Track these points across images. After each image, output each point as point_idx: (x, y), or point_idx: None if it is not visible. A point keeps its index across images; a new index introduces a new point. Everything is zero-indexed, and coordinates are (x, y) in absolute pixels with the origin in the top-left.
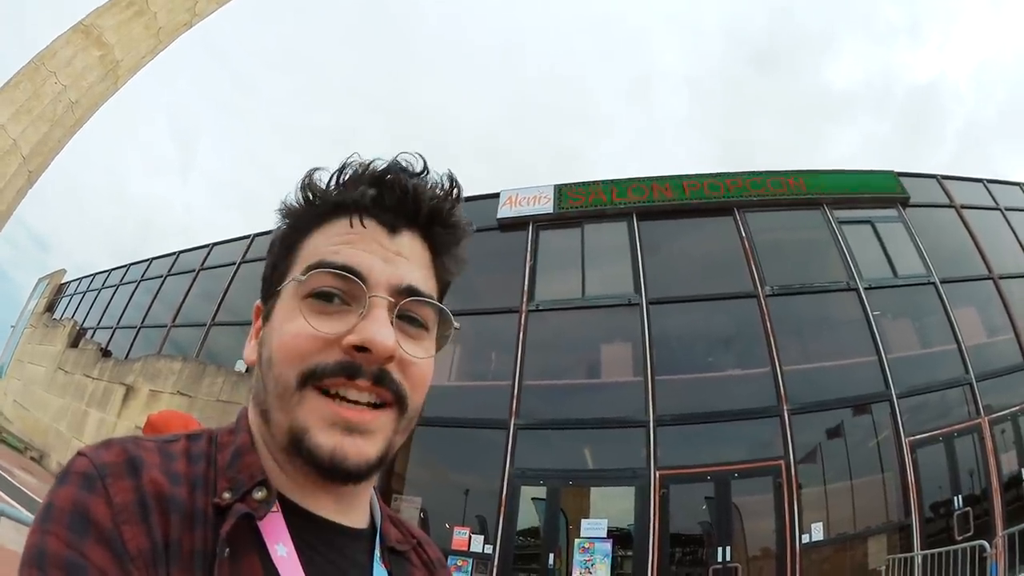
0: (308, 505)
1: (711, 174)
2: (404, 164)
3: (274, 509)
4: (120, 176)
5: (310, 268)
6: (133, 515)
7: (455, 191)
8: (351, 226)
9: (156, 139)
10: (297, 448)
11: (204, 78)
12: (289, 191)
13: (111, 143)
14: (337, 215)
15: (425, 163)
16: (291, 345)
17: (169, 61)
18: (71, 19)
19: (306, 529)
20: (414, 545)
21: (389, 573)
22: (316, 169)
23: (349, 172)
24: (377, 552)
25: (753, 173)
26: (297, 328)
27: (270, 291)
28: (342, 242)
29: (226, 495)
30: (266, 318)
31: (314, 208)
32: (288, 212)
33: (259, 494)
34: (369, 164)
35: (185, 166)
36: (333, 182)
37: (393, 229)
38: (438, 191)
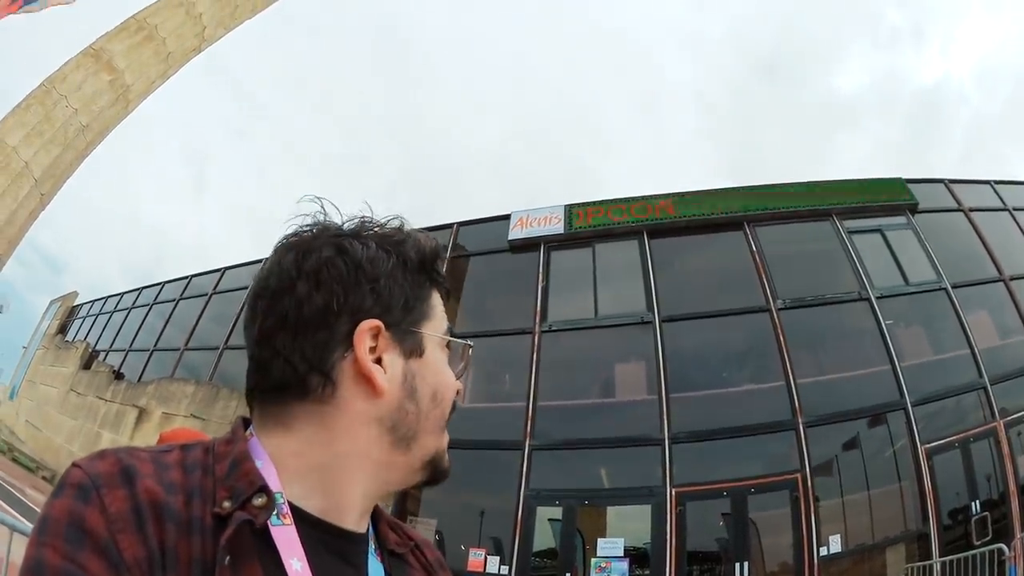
0: (311, 508)
1: (720, 189)
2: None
3: (288, 523)
4: (133, 199)
5: (454, 334)
6: (128, 524)
7: None
8: (444, 304)
9: (169, 163)
10: (436, 466)
11: (215, 102)
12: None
13: (124, 166)
14: (438, 289)
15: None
16: (451, 393)
17: (180, 86)
18: (81, 42)
19: (310, 535)
20: (412, 548)
21: (387, 572)
22: (437, 242)
23: (437, 253)
24: (372, 547)
25: (762, 187)
26: (453, 379)
27: (405, 325)
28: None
29: (226, 504)
30: (412, 352)
31: (433, 279)
32: (423, 264)
33: (259, 500)
34: (436, 248)
35: (198, 189)
36: (441, 264)
37: None
38: None
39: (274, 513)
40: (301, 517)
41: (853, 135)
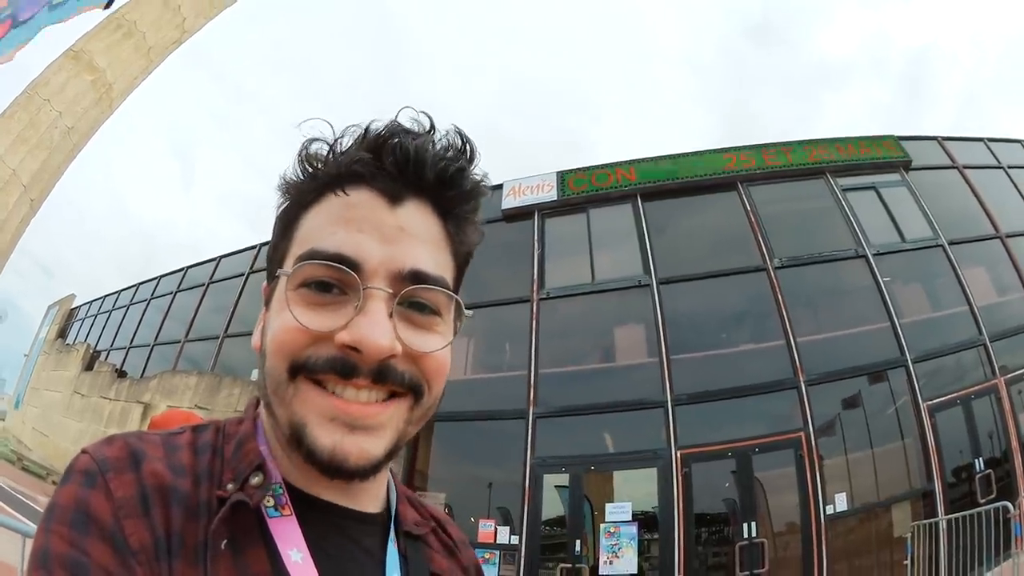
0: (316, 492)
1: (712, 150)
2: (407, 125)
3: (287, 513)
4: (123, 197)
5: (301, 258)
6: (135, 508)
7: (467, 149)
8: (347, 200)
9: (156, 157)
10: (297, 443)
11: (199, 92)
12: (288, 165)
13: (111, 165)
14: (334, 188)
15: (432, 121)
16: (281, 339)
17: (162, 80)
18: (61, 45)
19: (315, 520)
20: (433, 527)
21: (404, 557)
22: (314, 140)
23: (348, 139)
24: (392, 535)
25: (754, 146)
26: (285, 322)
27: (271, 274)
28: (338, 221)
29: (229, 486)
30: (267, 304)
31: (312, 181)
32: (287, 187)
33: (255, 480)
34: (368, 127)
35: (187, 181)
36: (331, 151)
37: (394, 199)
38: (446, 151)
39: (272, 504)
40: (306, 500)
41: (844, 96)
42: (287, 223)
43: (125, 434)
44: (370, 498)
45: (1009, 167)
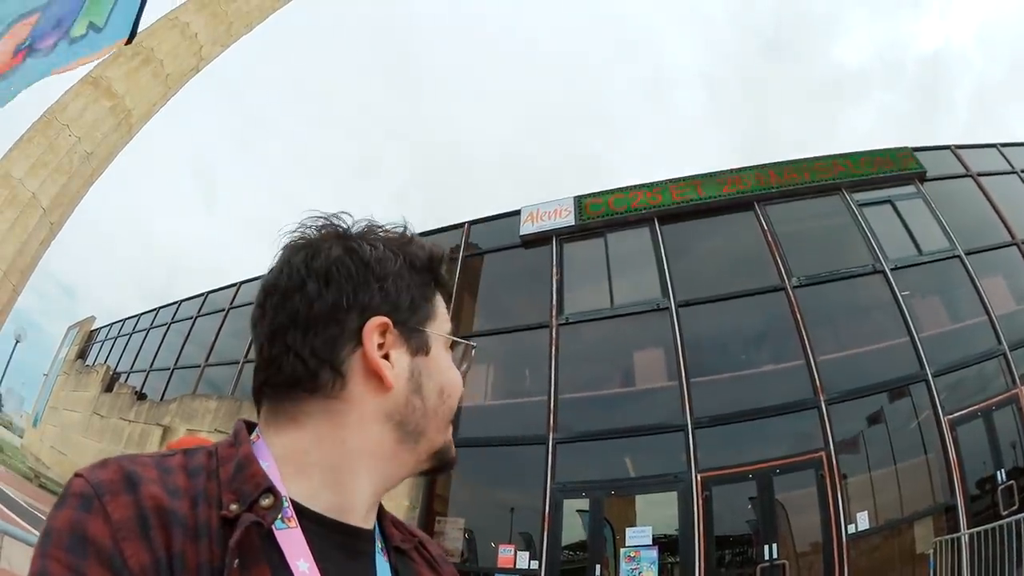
0: (320, 509)
1: (728, 170)
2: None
3: (292, 525)
4: (144, 220)
5: (460, 339)
6: (133, 531)
7: None
8: (447, 307)
9: (178, 181)
10: (442, 457)
11: (220, 118)
12: (395, 221)
13: (133, 189)
14: (440, 289)
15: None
16: (459, 389)
17: (183, 105)
18: (78, 71)
19: (317, 533)
20: (416, 544)
21: (395, 569)
22: (429, 243)
23: (442, 257)
24: (379, 545)
25: (769, 165)
26: (458, 378)
27: (411, 324)
28: (447, 318)
29: (233, 507)
30: (418, 350)
31: (438, 280)
32: (414, 265)
33: (266, 501)
34: (431, 248)
35: (208, 205)
36: (444, 268)
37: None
38: None
39: (279, 517)
40: (308, 516)
41: (860, 108)
42: (425, 293)
43: (118, 457)
44: (366, 515)
45: (1023, 171)
